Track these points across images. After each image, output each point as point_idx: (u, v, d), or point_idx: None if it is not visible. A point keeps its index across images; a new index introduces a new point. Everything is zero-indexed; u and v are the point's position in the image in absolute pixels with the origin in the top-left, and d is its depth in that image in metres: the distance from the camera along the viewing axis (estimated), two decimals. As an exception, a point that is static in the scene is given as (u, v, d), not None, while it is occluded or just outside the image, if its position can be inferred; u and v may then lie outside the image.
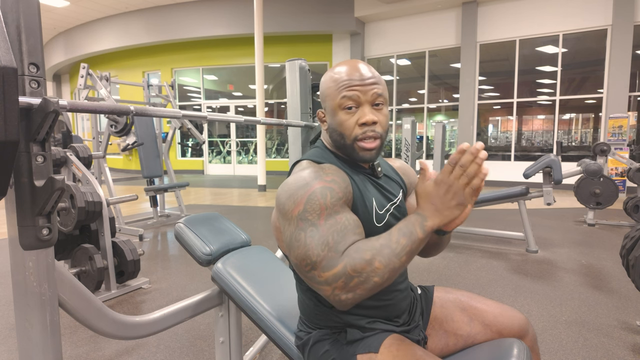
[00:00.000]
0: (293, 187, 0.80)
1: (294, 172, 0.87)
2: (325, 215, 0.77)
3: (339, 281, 0.73)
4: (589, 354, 1.82)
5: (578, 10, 7.55)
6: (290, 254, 0.79)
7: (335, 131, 0.89)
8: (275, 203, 0.84)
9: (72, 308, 0.90)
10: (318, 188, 0.79)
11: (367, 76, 0.86)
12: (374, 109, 0.87)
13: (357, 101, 0.85)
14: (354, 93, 0.85)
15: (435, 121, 9.86)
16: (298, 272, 0.81)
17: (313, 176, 0.81)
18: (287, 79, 1.96)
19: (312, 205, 0.77)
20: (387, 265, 0.73)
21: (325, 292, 0.75)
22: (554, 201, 3.50)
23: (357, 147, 0.87)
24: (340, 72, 0.87)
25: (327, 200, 0.78)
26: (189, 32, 10.33)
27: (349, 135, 0.87)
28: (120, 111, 1.01)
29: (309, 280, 0.78)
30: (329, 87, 0.89)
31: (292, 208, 0.79)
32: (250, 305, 1.16)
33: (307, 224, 0.77)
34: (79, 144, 2.81)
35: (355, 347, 0.88)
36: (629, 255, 1.84)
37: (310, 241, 0.75)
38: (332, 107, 0.88)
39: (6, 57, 0.63)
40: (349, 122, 0.86)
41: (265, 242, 3.85)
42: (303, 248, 0.76)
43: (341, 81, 0.86)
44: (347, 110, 0.86)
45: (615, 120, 6.76)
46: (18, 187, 0.74)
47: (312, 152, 0.94)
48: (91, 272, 2.41)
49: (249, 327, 2.08)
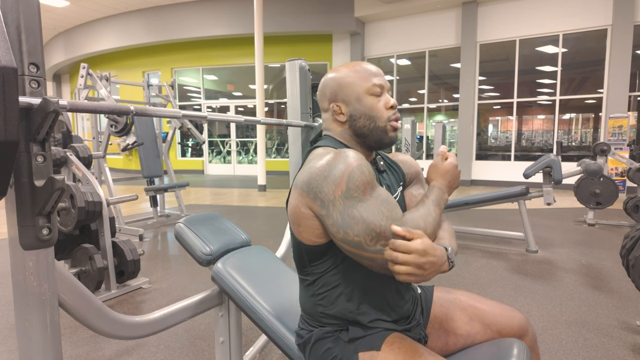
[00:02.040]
0: (327, 170, 0.82)
1: (312, 159, 0.88)
2: (370, 190, 0.81)
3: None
4: (589, 354, 1.82)
5: (578, 10, 7.55)
6: (347, 234, 0.80)
7: (364, 116, 0.92)
8: (302, 189, 0.85)
9: (72, 308, 0.90)
10: (354, 166, 0.81)
11: (380, 70, 0.96)
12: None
13: (382, 88, 0.93)
14: (382, 82, 0.93)
15: (435, 121, 9.86)
16: (357, 251, 0.81)
17: (342, 157, 0.83)
18: (287, 79, 1.96)
19: (354, 182, 0.80)
20: (433, 230, 0.87)
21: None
22: (554, 201, 3.50)
23: (389, 127, 0.93)
24: (359, 66, 0.94)
25: (367, 176, 0.81)
26: (189, 32, 10.33)
27: (381, 117, 0.92)
28: (120, 111, 1.01)
29: (375, 253, 0.79)
30: (350, 76, 0.93)
31: (333, 189, 0.80)
32: (250, 305, 1.16)
33: (355, 201, 0.80)
34: (79, 144, 2.81)
35: (357, 345, 0.88)
36: (629, 255, 1.84)
37: (367, 215, 0.79)
38: (358, 94, 0.92)
39: (6, 57, 0.63)
40: (379, 105, 0.93)
41: (265, 242, 3.85)
42: (362, 224, 0.79)
43: (368, 71, 0.93)
44: (376, 96, 0.93)
45: (615, 120, 6.76)
46: (18, 187, 0.74)
47: (325, 141, 0.96)
48: (91, 272, 2.41)
49: (249, 327, 2.08)
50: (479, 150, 9.01)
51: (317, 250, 0.89)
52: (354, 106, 0.93)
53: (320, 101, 0.99)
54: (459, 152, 8.81)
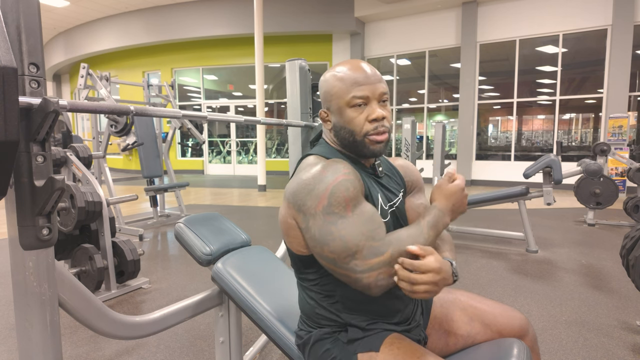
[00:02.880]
0: (311, 183, 0.81)
1: (302, 168, 0.87)
2: (352, 207, 0.79)
3: (383, 267, 0.77)
4: (589, 354, 1.82)
5: (578, 10, 7.55)
6: (323, 249, 0.80)
7: (343, 129, 0.90)
8: (288, 201, 0.84)
9: (72, 308, 0.90)
10: (339, 180, 0.80)
11: (373, 74, 0.88)
12: (380, 105, 0.89)
13: (366, 99, 0.87)
14: (363, 92, 0.86)
15: (435, 121, 9.86)
16: (331, 266, 0.81)
17: (330, 170, 0.82)
18: (287, 79, 1.96)
19: (336, 198, 0.78)
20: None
21: (368, 279, 0.78)
22: (554, 201, 3.50)
23: (367, 141, 0.89)
24: (346, 71, 0.88)
25: (350, 192, 0.80)
26: (189, 32, 10.32)
27: (359, 132, 0.88)
28: (120, 111, 1.01)
29: (347, 271, 0.79)
30: (335, 86, 0.89)
31: (316, 204, 0.79)
32: (250, 305, 1.16)
33: (336, 217, 0.78)
34: (79, 144, 2.81)
35: (356, 346, 0.88)
36: (629, 255, 1.84)
37: (345, 233, 0.78)
38: (339, 106, 0.89)
39: (6, 57, 0.63)
40: (359, 119, 0.88)
41: (265, 242, 3.85)
42: (339, 241, 0.78)
43: (349, 80, 0.87)
44: (357, 108, 0.88)
45: (615, 120, 6.76)
46: (18, 187, 0.74)
47: (317, 149, 0.95)
48: (91, 272, 2.41)
49: (249, 327, 2.08)
50: (479, 150, 9.01)
51: (307, 259, 0.89)
52: (337, 117, 0.91)
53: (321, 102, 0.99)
54: (458, 152, 8.81)
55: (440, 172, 4.72)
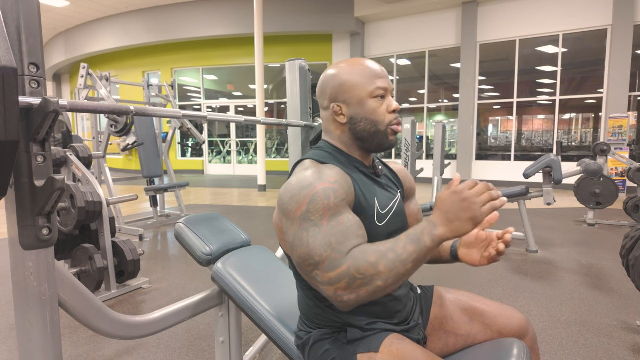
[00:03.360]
0: (296, 188, 0.81)
1: (296, 172, 0.87)
2: (329, 216, 0.78)
3: (342, 282, 0.74)
4: (589, 354, 1.82)
5: (578, 10, 7.55)
6: (293, 254, 0.80)
7: (365, 120, 0.90)
8: (278, 203, 0.85)
9: (72, 308, 0.90)
10: (321, 189, 0.79)
11: (384, 70, 0.92)
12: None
13: (386, 91, 0.90)
14: (384, 84, 0.90)
15: (435, 121, 9.85)
16: (300, 272, 0.82)
17: (316, 177, 0.81)
18: (287, 79, 1.95)
19: (315, 205, 0.78)
20: (391, 270, 0.72)
21: (328, 292, 0.76)
22: (554, 201, 3.50)
23: (389, 131, 0.91)
24: (363, 64, 0.90)
25: (331, 201, 0.78)
26: (189, 32, 10.32)
27: (382, 122, 0.90)
28: (120, 111, 1.01)
29: (311, 279, 0.79)
30: (352, 78, 0.89)
31: (295, 208, 0.79)
32: (250, 305, 1.16)
33: (310, 225, 0.77)
34: (79, 144, 2.81)
35: (356, 347, 0.88)
36: (629, 255, 1.84)
37: (313, 241, 0.76)
38: (360, 97, 0.89)
39: (6, 57, 0.63)
40: (382, 109, 0.90)
41: (265, 242, 3.85)
42: (306, 248, 0.77)
43: (371, 72, 0.89)
44: (378, 99, 0.90)
45: (615, 120, 6.76)
46: (18, 187, 0.74)
47: (314, 152, 0.94)
48: (91, 272, 2.41)
49: (249, 327, 2.08)
50: (479, 150, 9.01)
51: None
52: (356, 109, 0.90)
53: (320, 99, 0.96)
54: (458, 152, 8.81)
55: (440, 172, 4.72)
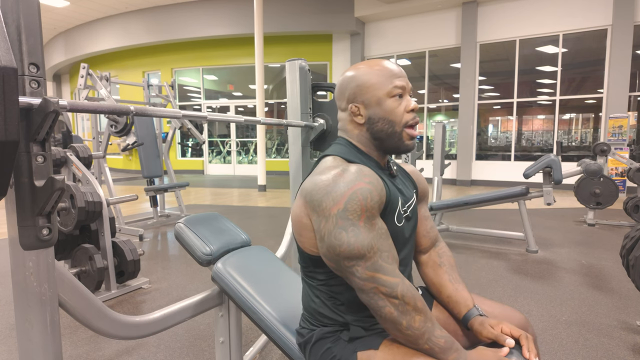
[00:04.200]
0: (331, 184, 0.80)
1: (322, 169, 0.87)
2: (365, 218, 0.79)
3: (384, 288, 0.78)
4: (589, 354, 1.82)
5: (578, 10, 7.55)
6: (329, 251, 0.80)
7: (382, 120, 0.90)
8: (305, 199, 0.84)
9: (72, 308, 0.90)
10: (359, 188, 0.79)
11: (402, 70, 0.92)
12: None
13: (403, 89, 0.90)
14: (403, 83, 0.90)
15: (435, 121, 9.86)
16: (331, 263, 0.82)
17: (352, 175, 0.81)
18: (287, 79, 1.96)
19: (353, 205, 0.78)
20: (418, 330, 0.79)
21: (365, 286, 0.79)
22: (554, 201, 3.50)
23: (405, 134, 0.90)
24: (380, 65, 0.90)
25: (368, 202, 0.79)
26: (189, 32, 10.32)
27: (399, 122, 0.89)
28: (120, 111, 1.01)
29: (349, 273, 0.80)
30: (371, 77, 0.89)
31: (331, 206, 0.79)
32: (251, 306, 1.16)
33: (348, 223, 0.78)
34: (79, 144, 2.81)
35: (356, 345, 0.88)
36: (629, 255, 1.84)
37: (355, 240, 0.77)
38: (379, 97, 0.89)
39: (6, 57, 0.63)
40: (399, 109, 0.89)
41: (265, 242, 3.85)
42: (346, 246, 0.78)
43: (389, 72, 0.89)
44: (396, 98, 0.89)
45: (615, 120, 6.76)
46: (18, 187, 0.74)
47: (337, 149, 0.93)
48: (91, 272, 2.41)
49: (249, 327, 2.08)
50: (479, 150, 9.01)
51: (318, 259, 0.89)
52: (374, 109, 0.90)
53: (338, 100, 0.96)
54: (458, 152, 8.81)
55: (440, 172, 4.72)
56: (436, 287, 1.03)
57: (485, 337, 0.90)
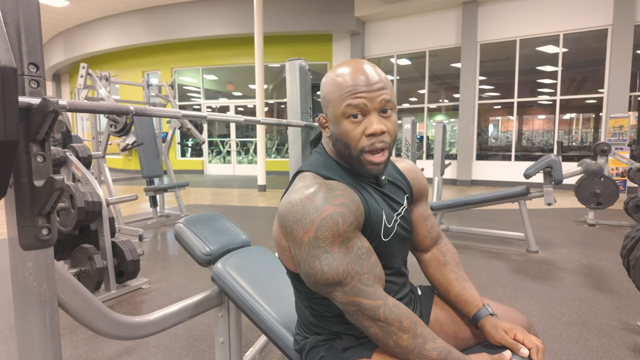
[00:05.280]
0: (300, 211, 0.76)
1: (297, 186, 0.81)
2: (338, 243, 0.75)
3: (367, 311, 0.77)
4: (590, 354, 1.82)
5: (578, 10, 7.55)
6: (306, 278, 0.79)
7: (339, 140, 0.82)
8: (280, 221, 0.80)
9: (71, 308, 0.90)
10: (328, 214, 0.74)
11: (374, 80, 0.78)
12: (381, 117, 0.80)
13: (363, 109, 0.78)
14: (360, 101, 0.77)
15: (436, 121, 9.85)
16: (313, 289, 0.81)
17: (322, 199, 0.76)
18: (287, 79, 1.95)
19: (323, 232, 0.74)
20: (405, 347, 0.77)
21: (347, 310, 0.78)
22: (554, 201, 3.49)
23: (363, 160, 0.81)
24: (344, 76, 0.79)
25: (340, 227, 0.74)
26: (189, 32, 10.32)
27: (355, 147, 0.80)
28: (120, 111, 1.01)
29: (329, 297, 0.80)
30: (331, 92, 0.81)
31: (302, 234, 0.75)
32: (250, 306, 1.16)
33: (321, 251, 0.75)
34: (79, 144, 2.81)
35: (349, 354, 0.87)
36: (630, 255, 1.84)
37: (328, 269, 0.75)
38: (335, 115, 0.80)
39: (6, 57, 0.63)
40: (355, 132, 0.79)
41: (265, 242, 3.85)
42: (320, 275, 0.76)
43: (345, 87, 0.78)
44: (353, 119, 0.79)
45: (615, 120, 6.76)
46: (18, 187, 0.74)
47: (314, 162, 0.87)
48: (91, 272, 2.41)
49: (249, 327, 2.07)
50: (479, 150, 9.01)
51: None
52: (333, 127, 0.83)
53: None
54: (459, 152, 8.81)
55: (440, 172, 4.72)
56: (443, 287, 1.01)
57: (498, 342, 0.87)
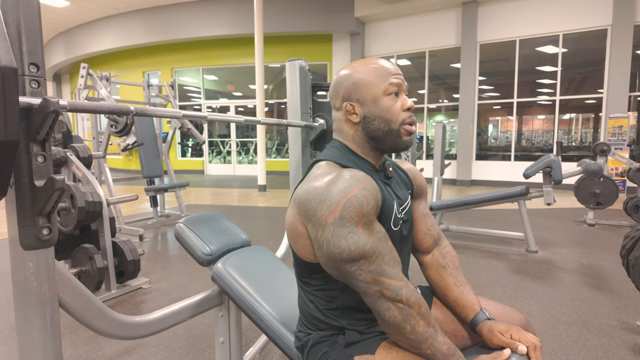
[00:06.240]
0: (324, 193, 0.78)
1: (314, 175, 0.84)
2: (363, 223, 0.78)
3: (387, 292, 0.78)
4: (589, 354, 1.82)
5: (578, 10, 7.55)
6: (329, 259, 0.79)
7: (378, 118, 0.88)
8: (299, 208, 0.82)
9: (72, 308, 0.90)
10: (354, 195, 0.77)
11: (397, 68, 0.91)
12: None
13: (400, 88, 0.89)
14: (398, 81, 0.89)
15: (435, 121, 9.85)
16: (332, 270, 0.82)
17: (346, 182, 0.79)
18: (287, 79, 1.95)
19: (349, 212, 0.76)
20: (421, 334, 0.79)
21: (370, 289, 0.79)
22: (554, 201, 3.50)
23: (403, 130, 0.89)
24: (377, 63, 0.90)
25: (364, 208, 0.77)
26: (189, 32, 10.33)
27: (396, 120, 0.88)
28: (120, 111, 1.01)
29: (350, 278, 0.80)
30: (367, 76, 0.89)
31: (327, 214, 0.77)
32: (251, 306, 1.16)
33: (346, 231, 0.77)
34: (79, 144, 2.81)
35: (353, 349, 0.88)
36: (629, 255, 1.84)
37: (355, 247, 0.77)
38: (374, 95, 0.88)
39: (6, 57, 0.63)
40: (395, 107, 0.88)
41: (265, 242, 3.85)
42: (347, 253, 0.77)
43: (385, 69, 0.89)
44: (392, 97, 0.89)
45: (615, 120, 6.76)
46: (18, 187, 0.74)
47: (331, 153, 0.91)
48: (91, 272, 2.41)
49: (249, 327, 2.08)
50: (479, 150, 9.01)
51: (314, 266, 0.88)
52: (370, 108, 0.89)
53: (333, 99, 0.94)
54: (458, 152, 8.81)
55: (440, 172, 4.72)
56: (442, 291, 1.02)
57: (496, 344, 0.88)
